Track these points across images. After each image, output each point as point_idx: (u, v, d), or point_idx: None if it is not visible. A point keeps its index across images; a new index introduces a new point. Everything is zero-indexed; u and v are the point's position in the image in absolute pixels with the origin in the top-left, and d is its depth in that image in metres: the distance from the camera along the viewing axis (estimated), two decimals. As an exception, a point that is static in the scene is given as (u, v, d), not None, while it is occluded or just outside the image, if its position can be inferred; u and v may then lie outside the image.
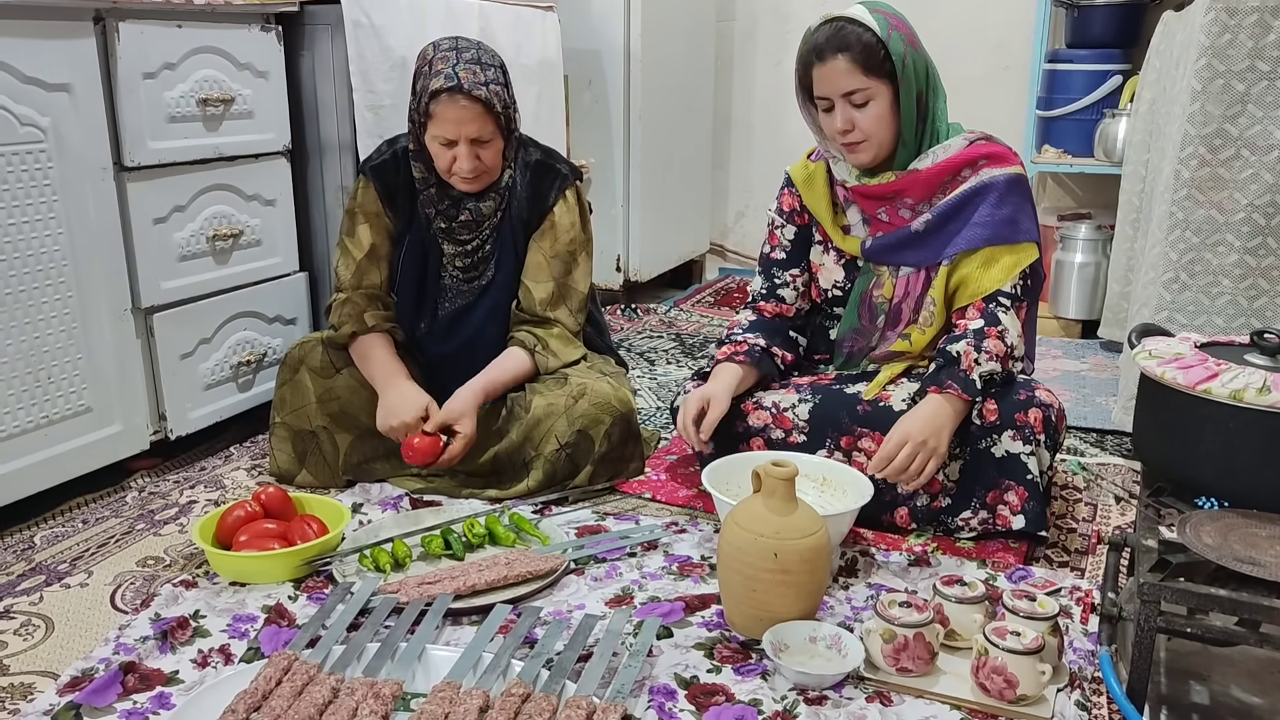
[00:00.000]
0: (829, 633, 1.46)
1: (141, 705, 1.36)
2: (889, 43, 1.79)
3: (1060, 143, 3.44)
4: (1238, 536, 1.36)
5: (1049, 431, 1.79)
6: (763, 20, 4.13)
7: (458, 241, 2.07)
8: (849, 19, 1.82)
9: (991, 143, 1.87)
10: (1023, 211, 1.84)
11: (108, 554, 1.81)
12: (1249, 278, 2.19)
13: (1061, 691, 1.38)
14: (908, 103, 1.82)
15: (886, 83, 1.81)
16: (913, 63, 1.81)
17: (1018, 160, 1.87)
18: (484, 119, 1.93)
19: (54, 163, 1.85)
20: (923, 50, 1.86)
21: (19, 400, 1.85)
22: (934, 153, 1.85)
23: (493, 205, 2.05)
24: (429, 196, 2.04)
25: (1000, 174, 1.83)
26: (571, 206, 2.10)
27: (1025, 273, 1.83)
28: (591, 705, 1.28)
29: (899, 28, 1.82)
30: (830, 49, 1.81)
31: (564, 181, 2.09)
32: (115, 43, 1.93)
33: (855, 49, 1.79)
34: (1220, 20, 2.12)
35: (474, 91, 1.90)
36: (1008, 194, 1.82)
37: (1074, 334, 3.34)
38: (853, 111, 1.82)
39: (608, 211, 3.61)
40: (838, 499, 1.81)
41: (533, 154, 2.10)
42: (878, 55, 1.79)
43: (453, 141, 1.94)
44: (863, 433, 1.87)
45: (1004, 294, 1.83)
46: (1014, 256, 1.82)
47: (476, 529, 1.81)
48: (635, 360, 3.02)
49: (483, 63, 1.94)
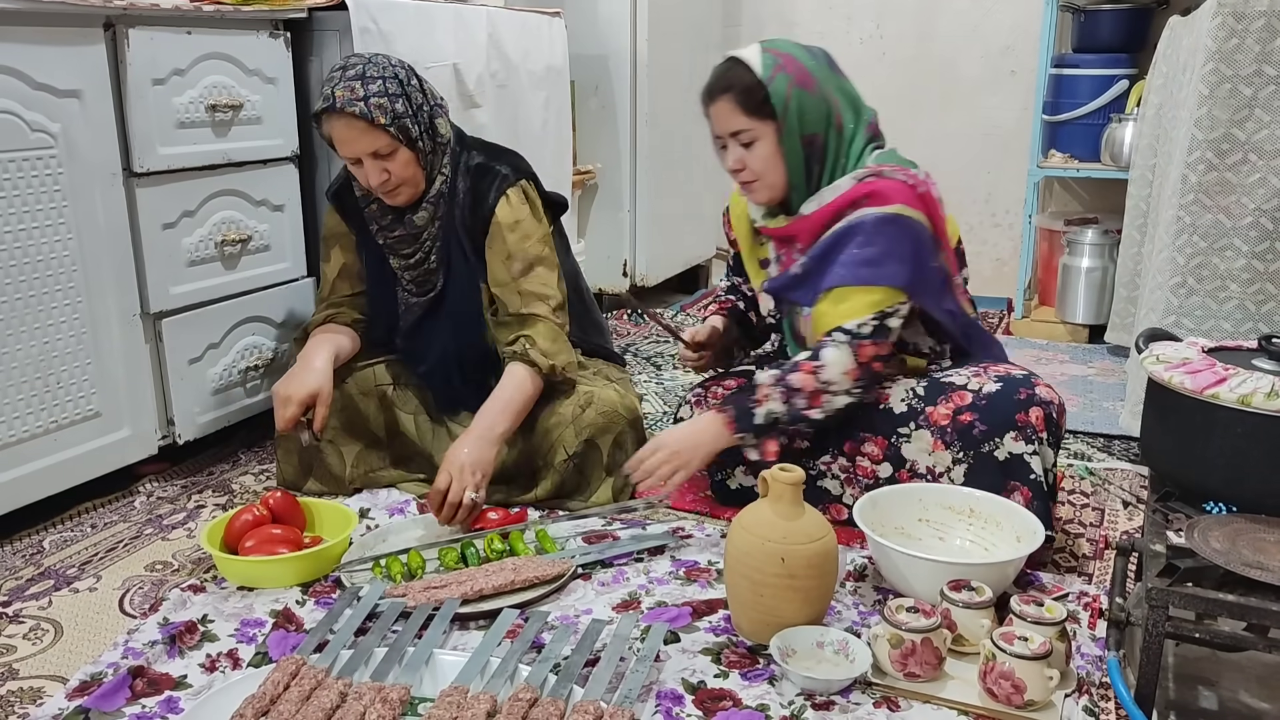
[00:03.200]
0: (836, 638, 1.46)
1: (150, 709, 1.36)
2: (769, 84, 1.78)
3: (1067, 147, 3.43)
4: (1246, 541, 1.36)
5: (1050, 429, 1.76)
6: (768, 26, 4.13)
7: (402, 256, 2.04)
8: (737, 59, 1.83)
9: (882, 179, 1.78)
10: (891, 253, 1.75)
11: (116, 558, 1.81)
12: (1257, 282, 2.19)
13: (1069, 697, 1.38)
14: (790, 145, 1.80)
15: (770, 123, 1.80)
16: (798, 105, 1.78)
17: (904, 198, 1.76)
18: (371, 133, 1.85)
19: (64, 168, 1.86)
20: (826, 88, 1.81)
21: (28, 405, 1.85)
22: (821, 195, 1.83)
23: (427, 216, 1.98)
24: (371, 213, 2.02)
25: (871, 214, 1.77)
26: (515, 205, 1.99)
27: (882, 315, 1.77)
28: (599, 710, 1.28)
29: (787, 68, 1.79)
30: (716, 89, 1.83)
31: (503, 181, 1.99)
32: (125, 49, 1.94)
33: (736, 89, 1.80)
34: (1227, 25, 2.12)
35: (348, 109, 1.83)
36: (874, 234, 1.76)
37: (1081, 339, 3.34)
38: (742, 151, 1.83)
39: (614, 216, 3.62)
40: (992, 534, 1.72)
41: (475, 157, 2.01)
42: (758, 97, 1.78)
43: (358, 160, 1.90)
44: (866, 437, 1.87)
45: (844, 329, 1.77)
46: (869, 297, 1.77)
47: (496, 544, 1.78)
48: (641, 365, 3.02)
49: (366, 77, 1.85)
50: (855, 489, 1.88)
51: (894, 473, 1.84)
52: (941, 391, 1.82)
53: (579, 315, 2.18)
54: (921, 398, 1.83)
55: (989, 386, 1.79)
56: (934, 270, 1.81)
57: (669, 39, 3.58)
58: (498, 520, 1.86)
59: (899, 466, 1.84)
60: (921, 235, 1.78)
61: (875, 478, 1.86)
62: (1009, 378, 1.81)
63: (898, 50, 3.92)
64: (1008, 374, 1.82)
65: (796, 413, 1.78)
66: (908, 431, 1.83)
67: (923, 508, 1.76)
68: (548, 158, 3.11)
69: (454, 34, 2.62)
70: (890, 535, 1.70)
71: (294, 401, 1.90)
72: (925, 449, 1.81)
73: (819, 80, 1.81)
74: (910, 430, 1.82)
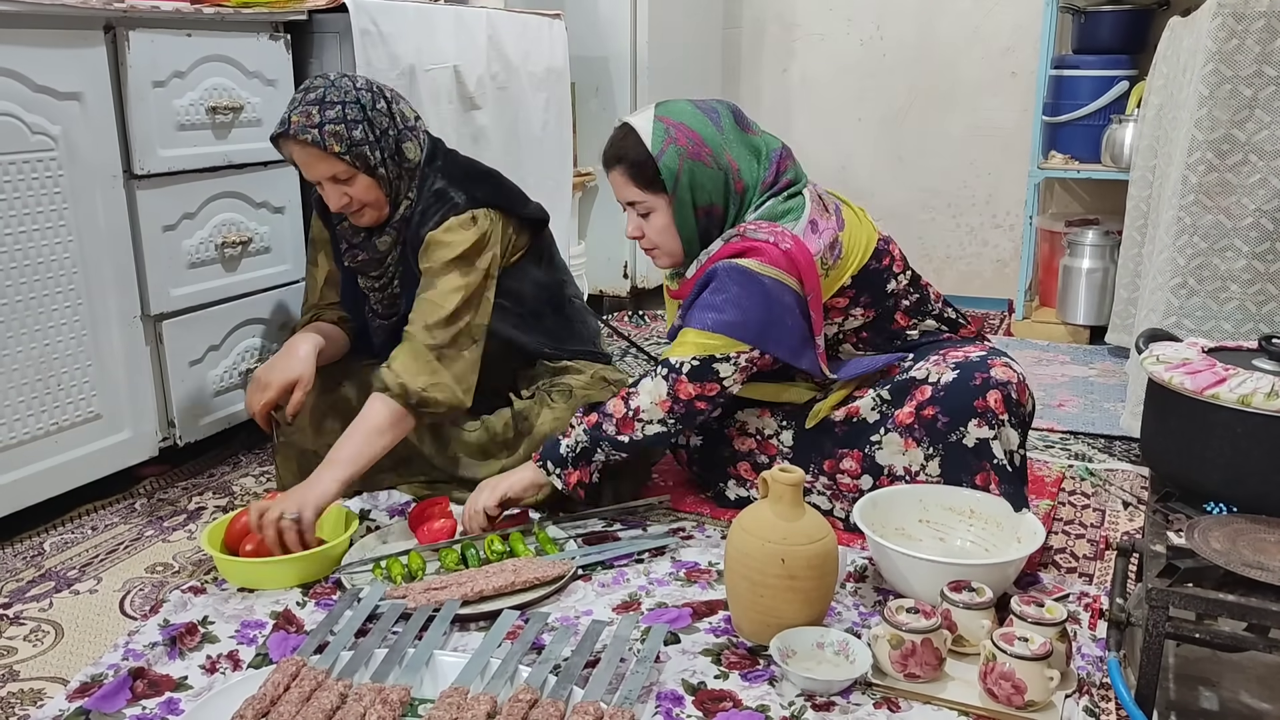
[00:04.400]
0: (836, 639, 1.46)
1: (150, 711, 1.36)
2: (660, 159, 1.78)
3: (1067, 148, 3.43)
4: (1246, 542, 1.35)
5: (1011, 409, 1.73)
6: (769, 28, 4.13)
7: (370, 278, 2.03)
8: (631, 128, 1.83)
9: (745, 240, 1.78)
10: (735, 303, 1.75)
11: (117, 560, 1.82)
12: (1257, 283, 2.19)
13: (1070, 697, 1.38)
14: (683, 216, 1.82)
15: (663, 195, 1.81)
16: (690, 177, 1.79)
17: (767, 257, 1.76)
18: (326, 160, 1.82)
19: (64, 170, 1.86)
20: (717, 158, 1.81)
21: (29, 407, 1.85)
22: (699, 259, 1.85)
23: (389, 240, 1.96)
24: (341, 231, 2.01)
25: (724, 263, 1.78)
26: (451, 227, 1.89)
27: (709, 359, 1.76)
28: (599, 711, 1.28)
29: (679, 139, 1.79)
30: (609, 159, 1.85)
31: (451, 209, 1.90)
32: (125, 51, 1.94)
33: (628, 162, 1.81)
34: (1227, 25, 2.12)
35: (300, 135, 1.81)
36: (725, 281, 1.76)
37: (1082, 340, 3.34)
38: (640, 220, 1.85)
39: (614, 218, 3.62)
40: (993, 534, 1.72)
41: (437, 182, 1.94)
42: (649, 170, 1.79)
43: (319, 181, 1.89)
44: (843, 453, 1.86)
45: (668, 363, 1.79)
46: (701, 340, 1.77)
47: (496, 546, 1.77)
48: (642, 366, 3.02)
49: (326, 101, 1.82)
50: (844, 503, 1.87)
51: (874, 483, 1.84)
52: (906, 391, 1.82)
53: (553, 328, 2.11)
54: (889, 401, 1.83)
55: (946, 376, 1.78)
56: (789, 326, 1.79)
57: (669, 41, 3.59)
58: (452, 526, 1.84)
59: (878, 474, 1.84)
60: (772, 291, 1.76)
61: (859, 491, 1.85)
62: (965, 363, 1.79)
63: (898, 52, 3.92)
64: (965, 358, 1.81)
65: (605, 438, 1.80)
66: (878, 438, 1.83)
67: (923, 508, 1.76)
68: (548, 159, 3.11)
69: (454, 36, 2.62)
70: (890, 536, 1.70)
71: (273, 386, 1.89)
72: (898, 450, 1.81)
73: (713, 150, 1.81)
74: (880, 436, 1.83)
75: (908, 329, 1.95)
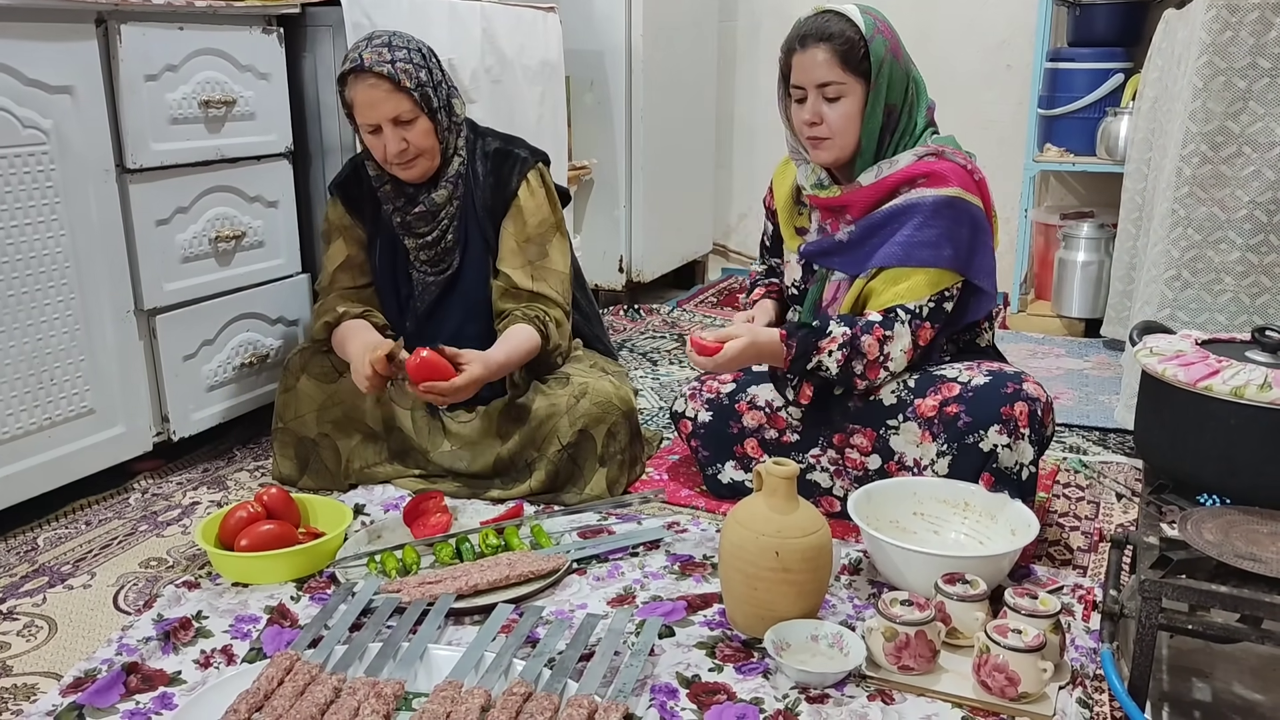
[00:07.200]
0: (831, 631, 1.46)
1: (144, 706, 1.36)
2: (870, 42, 1.78)
3: (1062, 141, 3.43)
4: (1239, 533, 1.36)
5: (1034, 425, 1.74)
6: (765, 20, 4.13)
7: (417, 235, 2.06)
8: (838, 12, 1.81)
9: (941, 160, 1.80)
10: (950, 236, 1.76)
11: (111, 555, 1.81)
12: (1251, 275, 2.19)
13: (1063, 689, 1.38)
14: (874, 109, 1.80)
15: (861, 82, 1.79)
16: (890, 70, 1.79)
17: (960, 181, 1.78)
18: (396, 97, 1.91)
19: (56, 165, 1.85)
20: (906, 63, 1.83)
21: (22, 402, 1.85)
22: (879, 167, 1.83)
23: (446, 194, 2.03)
24: (385, 194, 2.05)
25: (930, 195, 1.77)
26: (535, 189, 2.08)
27: (940, 296, 1.79)
28: (593, 704, 1.28)
29: (885, 33, 1.80)
30: (813, 37, 1.80)
31: (524, 165, 2.08)
32: (117, 45, 1.93)
33: (837, 40, 1.78)
34: (1221, 18, 2.12)
35: (376, 69, 1.89)
36: (932, 217, 1.76)
37: (1077, 333, 3.34)
38: (823, 106, 1.81)
39: (610, 213, 3.62)
40: (987, 527, 1.72)
41: (491, 143, 2.10)
42: (857, 52, 1.78)
43: (377, 127, 1.93)
44: (854, 429, 1.87)
45: (905, 308, 1.78)
46: (927, 278, 1.77)
47: (491, 539, 1.78)
48: (638, 360, 3.02)
49: (393, 45, 1.93)
50: (845, 481, 1.88)
51: (883, 464, 1.85)
52: (931, 384, 1.81)
53: (578, 302, 2.22)
54: (911, 390, 1.83)
55: (978, 380, 1.78)
56: (988, 254, 1.83)
57: (665, 34, 3.58)
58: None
59: (887, 458, 1.84)
60: (978, 219, 1.80)
61: (864, 469, 1.86)
62: (999, 373, 1.79)
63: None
64: (999, 370, 1.81)
65: (848, 374, 1.79)
66: (896, 424, 1.83)
67: (917, 501, 1.76)
68: (543, 153, 3.11)
69: (448, 28, 2.61)
70: (885, 529, 1.70)
71: (383, 345, 1.90)
72: (913, 440, 1.81)
73: (905, 54, 1.84)
74: (899, 422, 1.83)
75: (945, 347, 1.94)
